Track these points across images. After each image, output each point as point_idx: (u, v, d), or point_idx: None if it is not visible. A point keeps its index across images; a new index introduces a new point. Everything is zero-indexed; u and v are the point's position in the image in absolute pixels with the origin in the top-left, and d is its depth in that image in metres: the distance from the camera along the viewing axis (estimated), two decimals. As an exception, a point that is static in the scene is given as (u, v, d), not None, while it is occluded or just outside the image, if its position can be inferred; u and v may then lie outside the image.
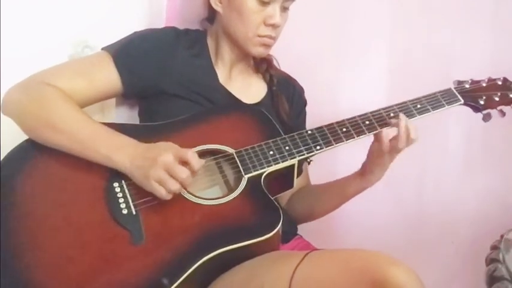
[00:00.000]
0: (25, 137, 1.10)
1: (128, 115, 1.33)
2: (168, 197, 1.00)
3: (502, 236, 1.52)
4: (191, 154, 1.00)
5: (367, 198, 1.66)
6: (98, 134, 1.06)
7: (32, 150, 1.08)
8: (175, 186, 0.99)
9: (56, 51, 1.25)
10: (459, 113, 1.73)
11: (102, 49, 1.20)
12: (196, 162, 1.01)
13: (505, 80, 1.29)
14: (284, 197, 1.33)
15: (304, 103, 1.39)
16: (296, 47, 1.49)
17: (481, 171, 1.76)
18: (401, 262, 0.85)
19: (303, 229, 1.32)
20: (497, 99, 1.25)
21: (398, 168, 1.71)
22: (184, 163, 1.00)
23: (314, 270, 0.89)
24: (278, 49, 1.35)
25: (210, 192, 1.09)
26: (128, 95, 1.23)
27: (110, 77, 1.17)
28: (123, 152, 1.03)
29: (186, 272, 0.94)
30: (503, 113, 1.26)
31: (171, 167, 0.98)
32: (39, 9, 1.23)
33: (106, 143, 1.05)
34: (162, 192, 0.99)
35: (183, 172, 0.99)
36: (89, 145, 1.04)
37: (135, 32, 1.22)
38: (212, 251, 0.97)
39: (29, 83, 1.12)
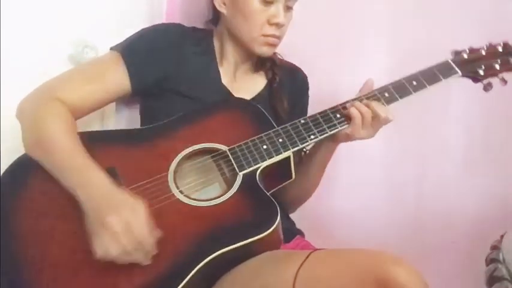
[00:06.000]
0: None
1: (128, 116, 1.33)
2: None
3: (502, 236, 1.52)
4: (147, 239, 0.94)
5: (367, 198, 1.68)
6: (72, 165, 1.02)
7: (30, 163, 1.08)
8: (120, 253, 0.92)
9: (56, 51, 1.25)
10: (459, 112, 1.74)
11: (111, 49, 1.20)
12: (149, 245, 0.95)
13: (505, 45, 1.24)
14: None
15: (307, 88, 1.39)
16: (295, 47, 1.49)
17: (481, 171, 1.76)
18: (405, 261, 0.85)
19: (303, 229, 1.32)
20: (498, 66, 1.21)
21: (398, 168, 1.72)
22: None
23: (317, 269, 0.89)
24: (278, 49, 1.35)
25: (210, 190, 1.09)
26: (135, 93, 1.20)
27: (120, 76, 1.16)
28: (85, 190, 0.99)
29: (185, 277, 0.94)
30: (505, 81, 1.21)
31: (127, 229, 0.93)
32: (40, 9, 1.23)
33: (77, 176, 1.01)
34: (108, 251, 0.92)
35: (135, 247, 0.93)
36: (62, 173, 1.02)
37: (143, 29, 1.23)
38: (211, 254, 0.96)
39: (41, 96, 1.12)
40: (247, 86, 1.30)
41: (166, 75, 1.20)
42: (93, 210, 0.96)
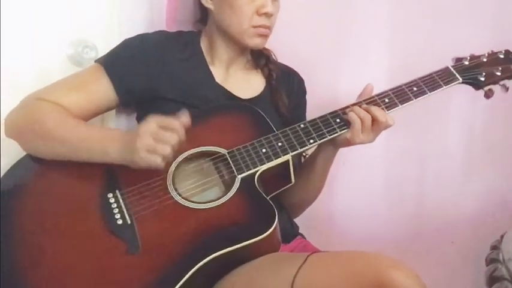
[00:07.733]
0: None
1: (127, 124, 1.33)
2: (163, 163, 1.00)
3: (502, 236, 1.52)
4: (174, 122, 1.00)
5: (368, 198, 1.68)
6: (89, 134, 1.08)
7: (31, 165, 1.10)
8: (166, 149, 0.98)
9: (56, 51, 1.25)
10: (459, 112, 1.74)
11: (95, 61, 1.21)
12: (179, 126, 1.00)
13: (507, 52, 1.24)
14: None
15: (304, 92, 1.38)
16: (296, 47, 1.49)
17: (481, 171, 1.77)
18: (402, 264, 0.85)
19: (303, 229, 1.32)
20: (498, 73, 1.21)
21: (398, 168, 1.72)
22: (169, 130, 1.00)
23: (315, 273, 0.89)
24: (278, 49, 1.35)
25: (209, 193, 1.09)
26: (123, 103, 1.22)
27: (104, 87, 1.17)
28: (114, 144, 1.04)
29: (182, 278, 0.94)
30: (506, 88, 1.22)
31: (155, 133, 0.99)
32: (39, 9, 1.23)
33: (98, 139, 1.07)
34: (155, 160, 0.99)
35: (169, 135, 0.99)
36: (82, 146, 1.07)
37: (125, 40, 1.22)
38: (207, 256, 0.96)
39: (25, 102, 1.14)
40: (244, 83, 1.29)
41: (153, 84, 1.19)
42: (127, 150, 1.02)
